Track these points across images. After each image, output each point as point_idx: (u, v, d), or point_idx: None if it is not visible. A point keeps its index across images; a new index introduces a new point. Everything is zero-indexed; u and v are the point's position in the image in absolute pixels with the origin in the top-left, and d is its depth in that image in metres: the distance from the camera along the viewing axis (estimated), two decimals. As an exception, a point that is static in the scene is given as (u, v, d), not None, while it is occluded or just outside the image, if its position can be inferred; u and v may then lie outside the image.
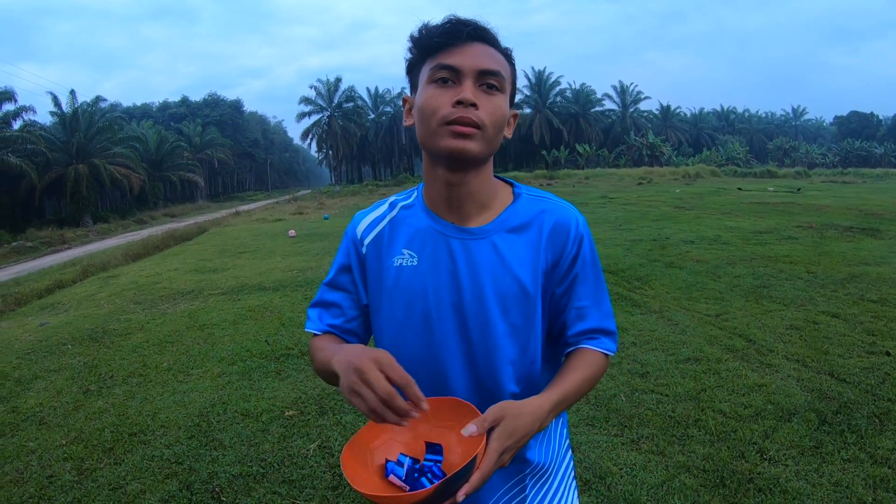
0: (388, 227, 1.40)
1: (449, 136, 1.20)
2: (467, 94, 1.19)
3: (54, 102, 43.57)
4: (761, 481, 3.26)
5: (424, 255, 1.34)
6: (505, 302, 1.31)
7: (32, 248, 28.37)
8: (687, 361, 5.13)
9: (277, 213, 30.77)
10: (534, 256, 1.33)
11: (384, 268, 1.36)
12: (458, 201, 1.33)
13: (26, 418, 4.79)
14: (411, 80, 1.35)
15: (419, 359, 1.32)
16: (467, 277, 1.30)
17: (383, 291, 1.37)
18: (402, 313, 1.34)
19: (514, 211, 1.36)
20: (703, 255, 10.13)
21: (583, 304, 1.36)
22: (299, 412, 4.54)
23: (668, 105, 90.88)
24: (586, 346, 1.35)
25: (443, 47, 1.24)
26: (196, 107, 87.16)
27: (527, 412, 1.11)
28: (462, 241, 1.32)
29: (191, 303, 8.76)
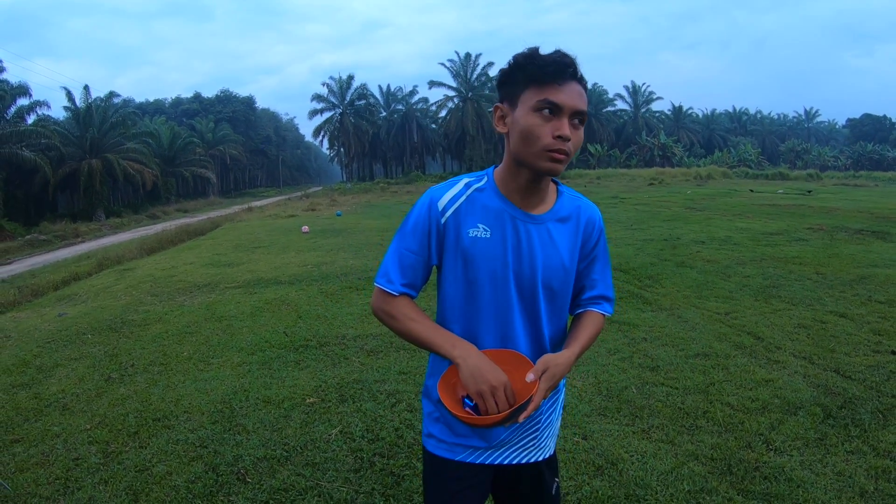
0: (465, 204, 1.70)
1: (547, 161, 1.55)
2: (566, 131, 1.53)
3: (68, 97, 43.69)
4: (767, 470, 3.36)
5: (495, 230, 1.68)
6: (550, 273, 1.71)
7: (46, 241, 28.59)
8: (696, 357, 5.24)
9: (290, 209, 30.85)
10: (573, 242, 1.76)
11: (461, 237, 1.68)
12: (530, 194, 1.70)
13: (49, 404, 4.87)
14: (505, 92, 1.65)
15: (486, 307, 1.70)
16: (527, 251, 1.69)
17: (459, 256, 1.69)
18: (475, 273, 1.68)
19: (562, 205, 1.76)
20: (714, 255, 10.21)
21: (595, 277, 1.84)
22: (320, 399, 4.65)
23: (680, 106, 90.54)
24: (593, 309, 1.84)
25: (550, 82, 1.54)
26: (209, 103, 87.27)
27: (562, 362, 1.59)
28: (525, 224, 1.69)
29: (207, 295, 8.88)
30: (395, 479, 3.49)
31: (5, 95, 36.67)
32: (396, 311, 1.70)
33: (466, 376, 1.54)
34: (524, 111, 1.55)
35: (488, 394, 1.51)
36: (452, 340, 1.63)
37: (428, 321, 1.71)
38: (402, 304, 1.71)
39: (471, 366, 1.55)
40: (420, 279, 1.74)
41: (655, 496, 3.17)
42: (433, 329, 1.68)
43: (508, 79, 1.62)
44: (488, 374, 1.53)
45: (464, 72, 70.58)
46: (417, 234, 1.71)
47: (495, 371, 1.54)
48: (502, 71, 1.64)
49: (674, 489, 3.22)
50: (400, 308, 1.71)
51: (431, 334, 1.67)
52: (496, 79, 1.71)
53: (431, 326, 1.69)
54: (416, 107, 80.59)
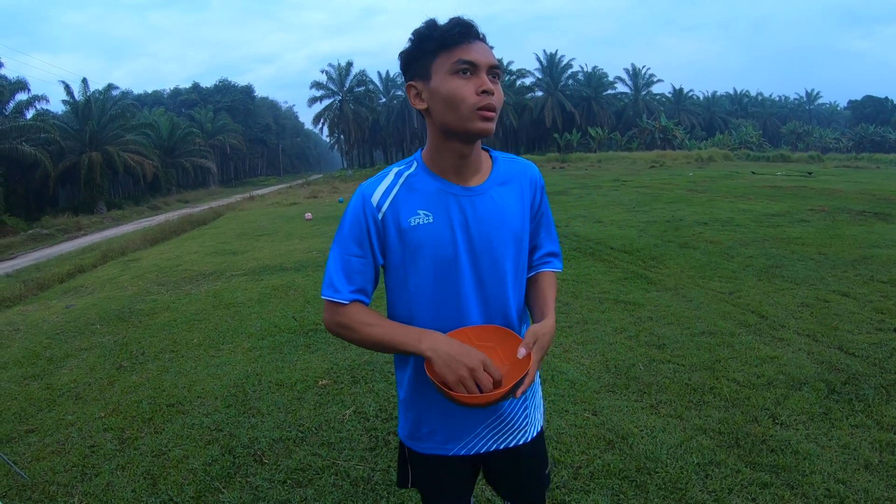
0: (400, 193, 1.64)
1: (479, 120, 1.51)
2: (490, 85, 1.51)
3: (66, 91, 43.58)
4: (774, 443, 3.42)
5: (438, 213, 1.62)
6: (506, 241, 1.67)
7: (48, 235, 28.62)
8: (702, 335, 5.28)
9: (291, 197, 30.88)
10: (521, 204, 1.72)
11: (403, 228, 1.61)
12: (464, 167, 1.64)
13: (62, 394, 4.93)
14: (415, 68, 1.60)
15: (442, 298, 1.64)
16: (476, 227, 1.63)
17: (406, 248, 1.62)
18: (425, 264, 1.62)
19: (499, 170, 1.72)
20: (717, 236, 10.23)
21: (542, 235, 1.83)
22: (332, 381, 4.72)
23: (680, 88, 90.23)
24: (545, 269, 1.82)
25: (458, 43, 1.52)
26: (207, 93, 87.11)
27: (547, 332, 1.57)
28: (468, 198, 1.64)
29: (214, 283, 8.95)
30: (410, 457, 3.54)
31: (4, 91, 36.56)
32: (350, 321, 1.60)
33: (441, 367, 1.45)
34: (441, 78, 1.52)
35: (468, 378, 1.43)
36: (417, 334, 1.55)
37: (386, 322, 1.62)
38: (355, 312, 1.61)
39: (442, 355, 1.46)
40: (370, 283, 1.65)
41: (665, 469, 3.23)
42: (393, 328, 1.59)
43: (415, 53, 1.58)
44: (463, 358, 1.45)
45: (462, 57, 70.17)
46: (356, 236, 1.62)
47: (469, 352, 1.46)
48: (406, 50, 1.60)
49: (683, 462, 3.28)
50: (353, 316, 1.60)
51: (392, 334, 1.57)
52: (400, 59, 1.64)
53: (391, 326, 1.60)
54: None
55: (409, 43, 1.58)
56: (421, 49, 1.56)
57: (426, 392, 1.69)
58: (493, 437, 1.75)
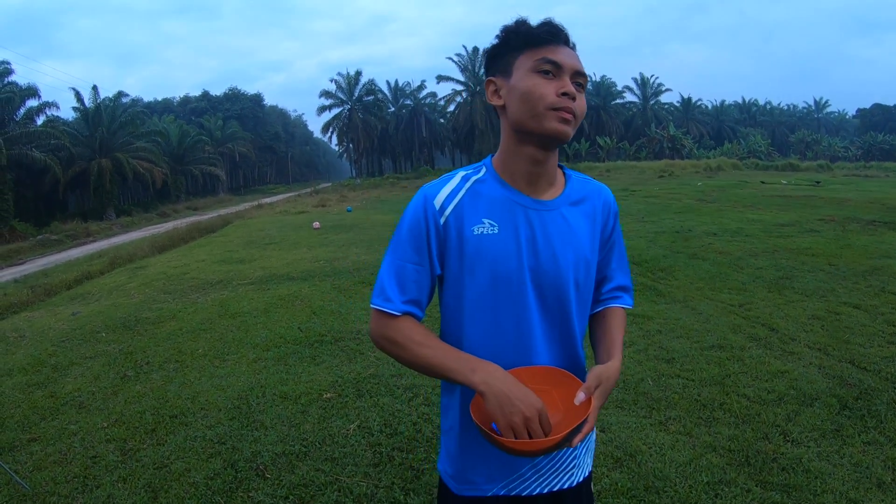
0: (465, 198, 1.52)
1: (555, 120, 1.41)
2: (572, 88, 1.42)
3: (77, 98, 43.86)
4: (785, 461, 3.36)
5: (504, 224, 1.49)
6: (574, 265, 1.53)
7: (57, 241, 28.73)
8: (711, 348, 5.23)
9: (300, 205, 30.92)
10: (591, 227, 1.59)
11: (465, 237, 1.49)
12: (537, 177, 1.52)
13: (65, 402, 4.91)
14: (497, 64, 1.52)
15: (500, 318, 1.51)
16: (543, 243, 1.50)
17: (465, 258, 1.49)
18: (485, 277, 1.49)
19: (573, 188, 1.59)
20: (726, 247, 10.16)
21: (613, 266, 1.69)
22: (337, 395, 4.67)
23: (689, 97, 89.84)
24: (615, 304, 1.68)
25: (545, 43, 1.44)
26: (217, 101, 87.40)
27: (612, 375, 1.44)
28: (537, 212, 1.51)
29: (220, 292, 8.92)
30: (415, 474, 3.50)
31: (14, 97, 36.75)
32: (399, 336, 1.47)
33: (493, 406, 1.31)
34: (522, 74, 1.44)
35: (521, 426, 1.28)
36: (471, 363, 1.40)
37: (438, 343, 1.48)
38: (406, 327, 1.48)
39: (497, 393, 1.32)
40: (425, 294, 1.53)
41: (675, 488, 3.17)
42: (445, 352, 1.45)
43: (500, 48, 1.51)
44: (519, 403, 1.29)
45: (471, 66, 70.28)
46: (414, 240, 1.50)
47: (527, 397, 1.31)
48: (492, 44, 1.53)
49: (693, 481, 3.22)
50: (403, 331, 1.47)
51: (444, 358, 1.43)
52: (486, 54, 1.57)
53: (443, 349, 1.46)
54: (424, 101, 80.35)
55: (496, 38, 1.52)
56: (506, 44, 1.49)
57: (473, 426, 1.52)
58: (537, 480, 1.60)
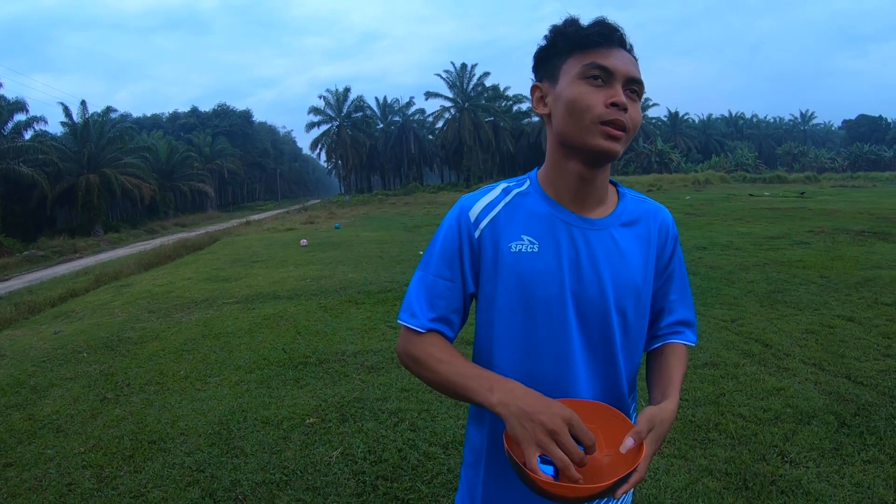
0: (504, 212, 1.38)
1: (601, 137, 1.25)
2: (623, 98, 1.25)
3: (65, 113, 43.93)
4: (784, 483, 3.25)
5: (545, 242, 1.35)
6: (622, 292, 1.36)
7: (44, 257, 28.56)
8: (705, 366, 5.13)
9: (288, 222, 30.74)
10: (645, 252, 1.41)
11: (501, 253, 1.35)
12: (585, 194, 1.37)
13: (43, 426, 4.78)
14: (544, 68, 1.38)
15: (537, 345, 1.35)
16: (588, 266, 1.34)
17: (499, 277, 1.36)
18: (521, 300, 1.34)
19: (626, 207, 1.43)
20: (716, 261, 10.12)
21: (673, 297, 1.48)
22: (320, 419, 4.53)
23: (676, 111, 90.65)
24: (675, 340, 1.48)
25: (595, 46, 1.28)
26: (206, 117, 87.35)
27: (667, 418, 1.23)
28: (583, 231, 1.36)
29: (205, 311, 8.78)
30: (400, 504, 3.37)
31: (2, 111, 36.74)
32: (422, 353, 1.35)
33: (515, 428, 1.13)
34: (568, 81, 1.28)
35: (548, 442, 1.09)
36: (489, 381, 1.24)
37: (461, 360, 1.32)
38: (429, 344, 1.35)
39: (515, 412, 1.14)
40: (456, 313, 1.40)
41: (670, 515, 3.05)
42: (464, 368, 1.29)
43: (547, 52, 1.35)
44: (541, 415, 1.11)
45: (460, 82, 70.48)
46: (447, 254, 1.38)
47: (549, 407, 1.13)
48: (539, 46, 1.37)
49: (689, 507, 3.11)
50: (426, 348, 1.35)
51: (462, 375, 1.28)
52: (534, 58, 1.40)
53: (463, 365, 1.30)
54: (413, 118, 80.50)
55: (543, 39, 1.35)
56: (553, 47, 1.33)
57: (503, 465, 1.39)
58: None
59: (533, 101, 1.41)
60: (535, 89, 1.40)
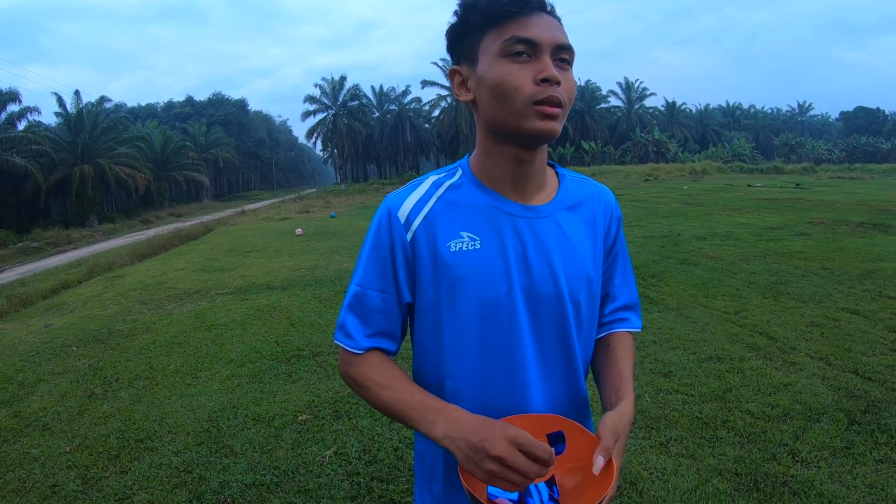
0: (437, 208, 1.24)
1: (536, 118, 1.11)
2: (552, 70, 1.10)
3: (59, 103, 43.52)
4: (795, 484, 3.13)
5: (487, 237, 1.21)
6: (574, 283, 1.25)
7: (38, 248, 28.44)
8: (710, 360, 5.01)
9: (283, 211, 30.64)
10: (592, 237, 1.30)
11: (440, 255, 1.21)
12: (524, 178, 1.23)
13: (29, 423, 4.66)
14: (459, 49, 1.21)
15: (488, 351, 1.22)
16: (537, 258, 1.22)
17: (441, 281, 1.21)
18: (468, 304, 1.20)
19: (567, 191, 1.31)
20: (717, 251, 10.00)
21: (617, 282, 1.38)
22: (313, 416, 4.39)
23: (673, 101, 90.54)
24: (620, 329, 1.37)
25: (512, 17, 1.11)
26: (201, 106, 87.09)
27: (628, 422, 1.14)
28: (528, 221, 1.23)
29: (198, 303, 8.65)
30: (396, 507, 3.23)
31: (-6, 102, 36.47)
32: (361, 377, 1.23)
33: (463, 462, 1.03)
34: (489, 61, 1.13)
35: (499, 469, 0.98)
36: (432, 412, 1.12)
37: (404, 385, 1.20)
38: (367, 366, 1.23)
39: (462, 445, 1.03)
40: (395, 325, 1.27)
41: (679, 520, 2.92)
42: (408, 396, 1.17)
43: (459, 30, 1.19)
44: (485, 443, 1.00)
45: (456, 71, 70.21)
46: (376, 262, 1.24)
47: (493, 432, 1.02)
48: (450, 25, 1.20)
49: (699, 511, 2.98)
50: (365, 371, 1.23)
51: (405, 404, 1.16)
52: (446, 38, 1.23)
53: (407, 392, 1.18)
54: (409, 107, 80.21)
55: (454, 16, 1.19)
56: (466, 24, 1.17)
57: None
58: None
59: (453, 88, 1.25)
60: (454, 73, 1.24)
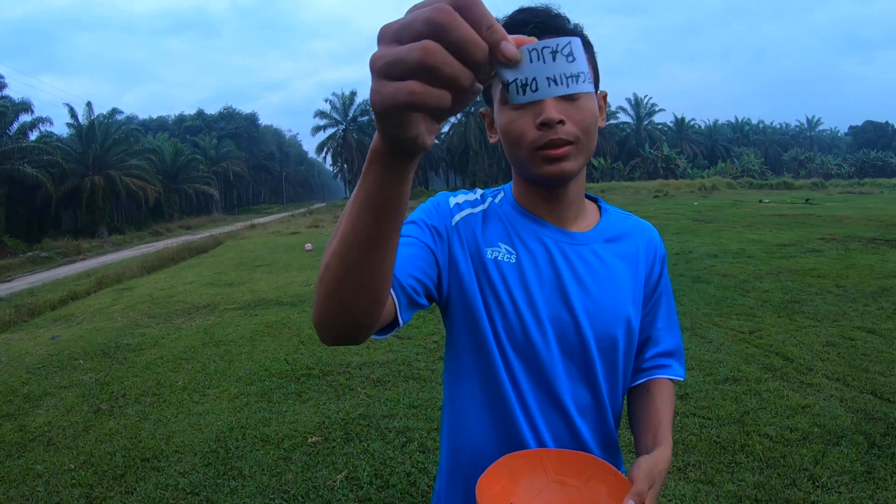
0: (482, 214, 1.19)
1: (543, 163, 1.07)
2: (551, 113, 1.03)
3: (71, 114, 44.02)
4: (819, 514, 3.04)
5: (523, 253, 1.15)
6: (610, 320, 1.16)
7: (48, 258, 28.50)
8: (726, 382, 4.92)
9: (293, 226, 30.66)
10: (633, 273, 1.22)
11: (481, 256, 1.14)
12: (559, 208, 1.18)
13: (34, 438, 4.62)
14: (484, 92, 1.17)
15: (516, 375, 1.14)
16: (572, 284, 1.15)
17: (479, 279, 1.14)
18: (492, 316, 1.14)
19: (608, 223, 1.25)
20: (729, 269, 9.90)
21: (659, 325, 1.29)
22: (323, 438, 4.31)
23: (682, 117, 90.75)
24: (661, 376, 1.26)
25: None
26: (212, 119, 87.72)
27: (664, 469, 1.02)
28: (564, 245, 1.17)
29: (206, 318, 8.60)
30: (408, 533, 3.16)
31: (7, 112, 36.83)
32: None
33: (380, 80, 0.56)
34: (497, 108, 1.11)
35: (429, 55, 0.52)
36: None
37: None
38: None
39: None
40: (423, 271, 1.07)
41: (699, 550, 2.84)
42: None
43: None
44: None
45: (467, 86, 70.47)
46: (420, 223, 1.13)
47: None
48: None
49: (719, 541, 2.90)
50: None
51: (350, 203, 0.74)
52: None
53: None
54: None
55: None
56: None
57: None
58: None
59: (487, 129, 1.22)
60: (484, 116, 1.22)
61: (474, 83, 0.55)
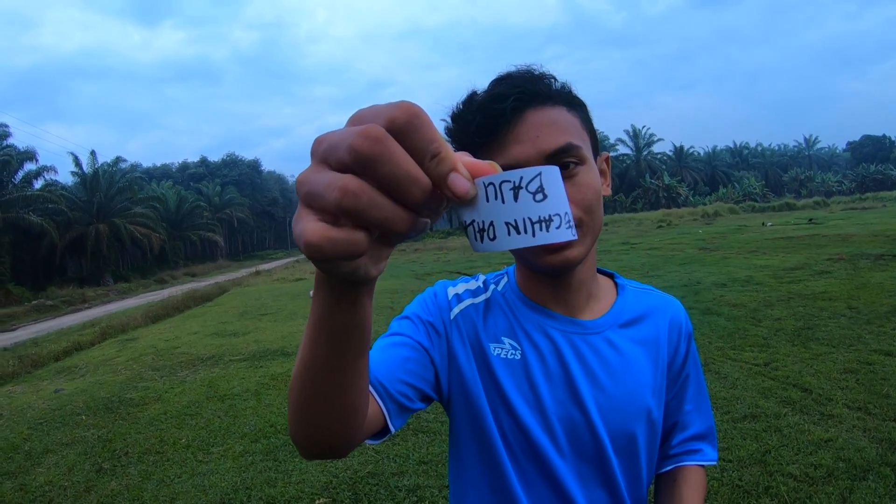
0: (484, 305, 1.10)
1: (544, 253, 0.97)
2: None
3: (75, 163, 45.05)
4: (852, 561, 2.90)
5: (529, 349, 1.05)
6: (627, 416, 1.05)
7: (53, 306, 28.57)
8: (744, 419, 4.76)
9: (298, 272, 30.59)
10: (654, 360, 1.10)
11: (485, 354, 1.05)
12: (565, 293, 1.08)
13: (34, 499, 4.52)
14: None
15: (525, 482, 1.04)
16: (583, 380, 1.04)
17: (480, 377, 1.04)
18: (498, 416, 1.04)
19: (624, 303, 1.13)
20: (739, 298, 9.75)
21: (687, 408, 1.18)
22: (331, 500, 4.16)
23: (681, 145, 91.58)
24: (690, 463, 1.17)
25: (488, 144, 0.96)
26: (215, 167, 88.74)
27: None
28: (573, 337, 1.06)
29: (211, 370, 8.48)
30: None
31: (12, 160, 37.41)
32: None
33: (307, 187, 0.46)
34: None
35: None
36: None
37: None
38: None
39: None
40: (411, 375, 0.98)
41: None
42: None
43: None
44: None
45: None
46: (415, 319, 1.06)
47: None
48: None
49: None
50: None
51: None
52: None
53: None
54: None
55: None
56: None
57: None
58: None
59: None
60: None
61: (416, 223, 0.46)
